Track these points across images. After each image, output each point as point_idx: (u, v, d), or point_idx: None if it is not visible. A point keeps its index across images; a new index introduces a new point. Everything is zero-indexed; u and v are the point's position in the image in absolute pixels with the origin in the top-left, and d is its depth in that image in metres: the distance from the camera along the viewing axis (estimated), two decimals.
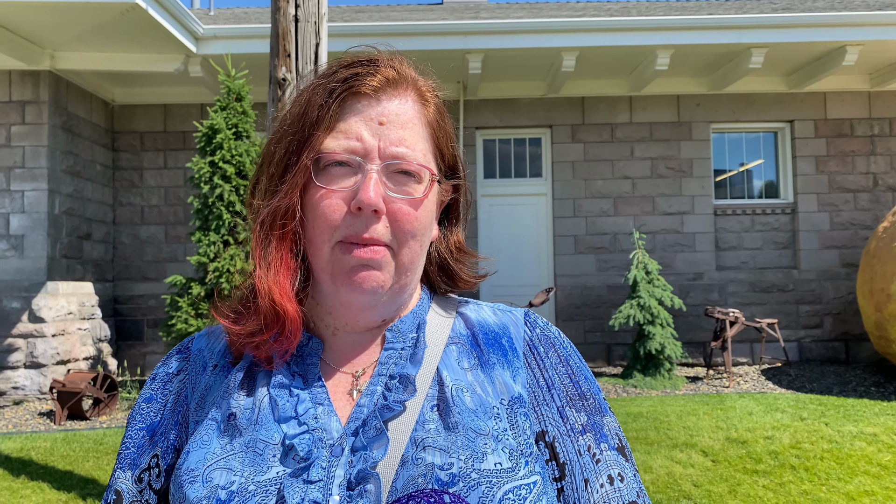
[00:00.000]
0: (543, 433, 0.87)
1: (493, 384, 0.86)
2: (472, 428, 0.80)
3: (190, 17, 7.68)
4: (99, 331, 8.72)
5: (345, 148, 0.83)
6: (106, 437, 5.91)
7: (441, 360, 0.87)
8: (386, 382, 0.84)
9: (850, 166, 9.56)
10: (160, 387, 0.94)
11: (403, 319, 0.91)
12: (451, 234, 0.98)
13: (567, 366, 0.92)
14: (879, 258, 7.43)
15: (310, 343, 0.90)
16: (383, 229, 0.83)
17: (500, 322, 0.95)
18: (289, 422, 0.81)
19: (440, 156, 0.91)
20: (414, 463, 0.76)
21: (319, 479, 0.76)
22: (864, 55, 8.49)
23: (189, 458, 0.82)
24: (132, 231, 9.51)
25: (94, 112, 9.05)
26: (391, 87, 0.87)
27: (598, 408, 0.91)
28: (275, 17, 3.76)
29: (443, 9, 11.15)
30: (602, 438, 0.89)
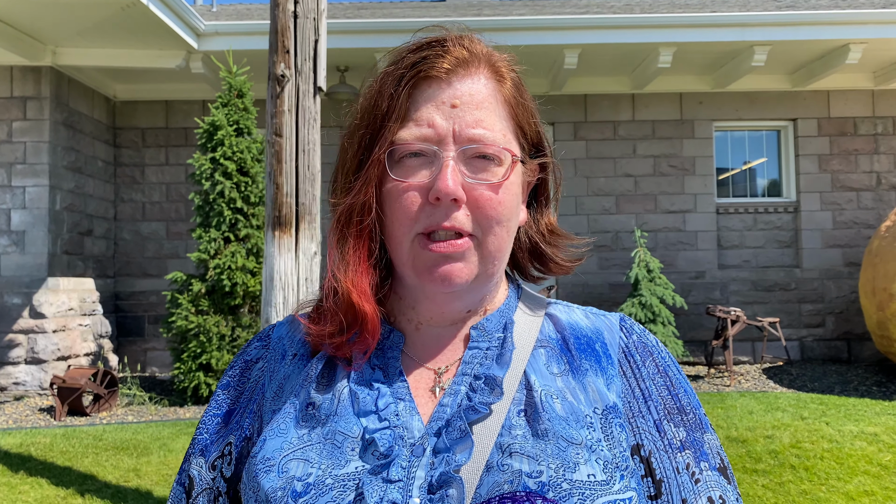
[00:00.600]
0: (639, 447, 0.82)
1: (585, 391, 0.82)
2: (564, 436, 0.76)
3: (191, 13, 7.67)
4: (100, 327, 8.73)
5: (417, 137, 0.80)
6: (106, 434, 5.91)
7: (528, 364, 0.83)
8: (470, 383, 0.81)
9: (854, 165, 9.53)
10: (238, 374, 0.93)
11: (489, 318, 0.87)
12: (541, 216, 0.93)
13: (665, 377, 0.87)
14: (882, 257, 7.40)
15: (391, 336, 0.87)
16: (464, 218, 0.79)
17: (592, 326, 0.89)
18: (368, 416, 0.79)
19: (521, 134, 0.86)
20: (500, 469, 0.73)
21: (399, 479, 0.73)
22: (868, 53, 8.44)
23: (265, 447, 0.80)
24: (133, 227, 9.51)
25: (96, 108, 9.05)
26: (462, 67, 0.82)
27: (699, 424, 0.86)
28: (274, 13, 3.75)
29: (445, 6, 11.12)
30: (702, 457, 0.84)
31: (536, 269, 0.94)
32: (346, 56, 8.49)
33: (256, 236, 7.31)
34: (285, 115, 3.64)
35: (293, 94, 3.67)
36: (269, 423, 0.84)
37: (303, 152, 3.67)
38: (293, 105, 3.66)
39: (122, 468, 4.98)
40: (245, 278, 7.04)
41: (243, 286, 7.07)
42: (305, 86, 3.71)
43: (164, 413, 6.86)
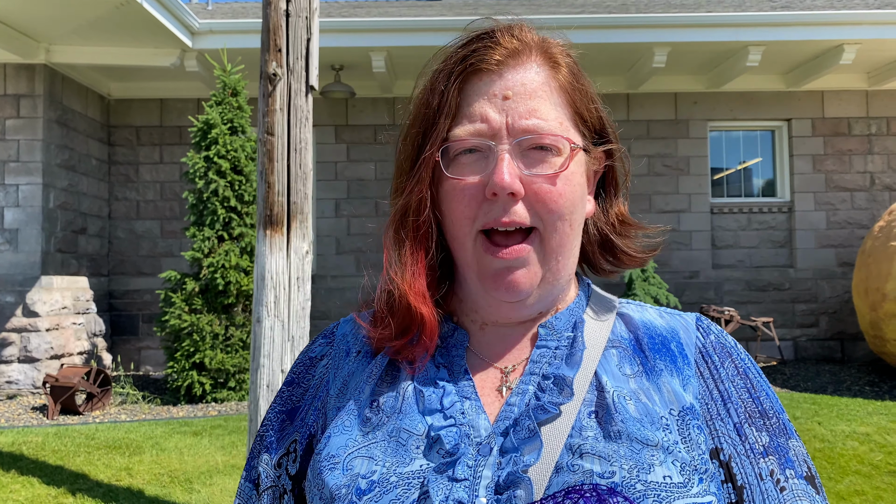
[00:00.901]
0: (718, 451, 0.78)
1: (660, 392, 0.79)
2: (638, 438, 0.73)
3: (185, 11, 7.66)
4: (94, 325, 8.71)
5: (471, 132, 0.78)
6: (98, 432, 5.90)
7: (600, 364, 0.80)
8: (539, 382, 0.78)
9: (848, 165, 9.55)
10: (303, 371, 0.92)
11: (558, 316, 0.84)
12: (610, 206, 0.89)
13: (746, 378, 0.83)
14: (875, 257, 7.42)
15: (455, 334, 0.85)
16: (523, 211, 0.77)
17: (667, 325, 0.86)
18: (434, 414, 0.77)
19: (581, 121, 0.83)
20: (570, 470, 0.71)
21: (465, 478, 0.72)
22: (862, 54, 8.46)
23: (330, 444, 0.79)
24: (128, 226, 9.50)
25: (90, 106, 9.03)
26: (513, 57, 0.80)
27: (783, 429, 0.82)
28: (266, 11, 3.74)
29: (441, 5, 11.11)
30: (787, 464, 0.79)
31: (609, 263, 0.90)
32: (340, 55, 8.48)
33: (250, 235, 7.30)
34: (277, 114, 3.63)
35: (285, 93, 3.66)
36: (333, 420, 0.83)
37: (295, 151, 3.66)
38: (285, 104, 3.65)
39: (114, 467, 4.97)
40: (239, 277, 7.03)
41: (237, 285, 7.06)
42: (297, 84, 3.70)
43: (158, 412, 6.84)
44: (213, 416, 6.62)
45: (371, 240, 9.47)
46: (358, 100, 9.50)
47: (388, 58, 8.45)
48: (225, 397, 7.13)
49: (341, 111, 9.58)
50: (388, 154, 9.57)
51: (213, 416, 6.56)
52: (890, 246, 7.21)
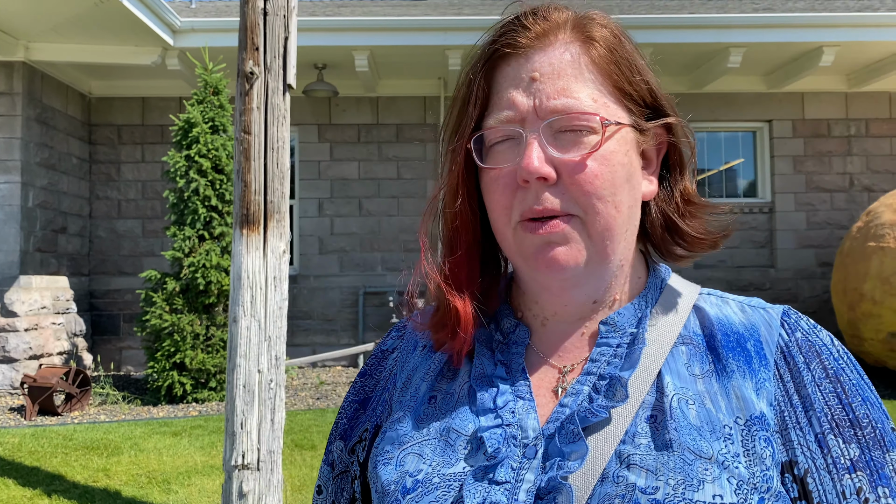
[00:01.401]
0: (792, 464, 0.71)
1: (727, 398, 0.72)
2: (692, 448, 0.68)
3: (167, 9, 7.62)
4: (74, 325, 8.64)
5: (500, 120, 0.76)
6: (76, 433, 5.86)
7: (666, 363, 0.74)
8: (594, 383, 0.75)
9: (827, 166, 9.64)
10: (375, 363, 0.93)
11: (622, 312, 0.79)
12: (675, 185, 0.82)
13: (836, 382, 0.74)
14: (853, 258, 7.49)
15: (517, 331, 0.83)
16: (555, 199, 0.73)
17: (748, 321, 0.78)
18: (486, 414, 0.75)
19: (624, 95, 0.77)
20: (614, 481, 0.67)
21: (507, 481, 0.69)
22: (842, 56, 8.54)
23: (386, 438, 0.80)
24: (109, 225, 9.43)
25: (70, 104, 8.95)
26: (540, 38, 0.76)
27: (880, 440, 0.72)
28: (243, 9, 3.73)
29: (425, 5, 11.11)
30: (882, 481, 0.70)
31: (679, 247, 0.83)
32: (323, 54, 8.46)
33: (231, 234, 7.26)
34: (254, 113, 3.62)
35: (262, 92, 3.65)
36: (395, 413, 0.84)
37: (272, 150, 3.65)
38: (262, 102, 3.64)
39: (91, 468, 4.93)
40: (219, 277, 7.00)
41: (217, 285, 7.03)
42: (275, 83, 3.68)
43: (138, 412, 6.80)
44: (193, 416, 6.58)
45: (355, 239, 9.46)
46: (341, 99, 9.49)
47: (371, 57, 8.44)
48: (206, 397, 7.10)
49: (324, 110, 9.56)
50: (371, 153, 9.56)
51: (193, 417, 6.53)
52: (867, 246, 7.29)
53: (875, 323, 7.11)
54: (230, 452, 3.44)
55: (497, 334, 0.84)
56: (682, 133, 0.82)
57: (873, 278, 7.10)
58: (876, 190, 9.54)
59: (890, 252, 7.01)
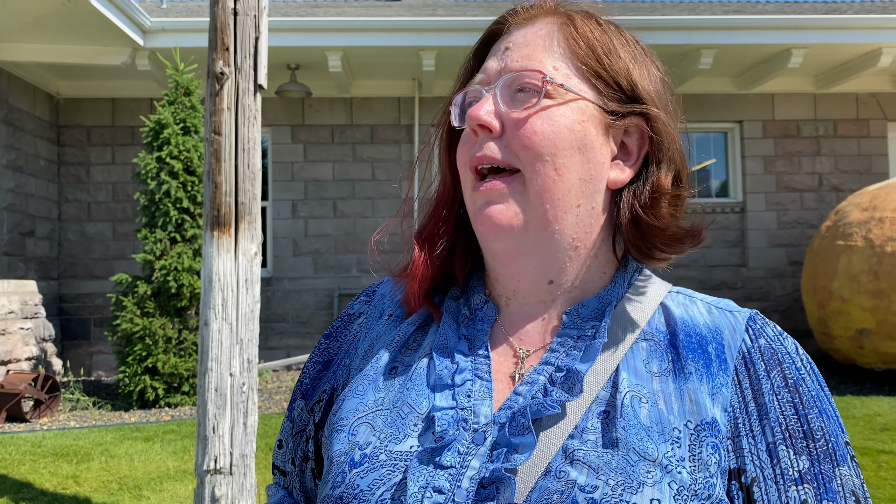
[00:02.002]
0: (740, 472, 0.70)
1: (681, 400, 0.71)
2: (637, 449, 0.67)
3: (136, 9, 7.52)
4: (43, 330, 8.48)
5: (473, 83, 0.82)
6: (45, 440, 5.75)
7: (624, 359, 0.74)
8: (551, 374, 0.74)
9: (797, 166, 9.78)
10: (342, 326, 0.94)
11: (586, 303, 0.78)
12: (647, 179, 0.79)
13: (795, 392, 0.72)
14: (822, 257, 7.61)
15: (485, 307, 0.83)
16: (495, 147, 0.76)
17: (712, 324, 0.77)
18: (442, 391, 0.75)
19: (593, 75, 0.77)
20: (556, 476, 0.66)
21: (452, 466, 0.69)
22: (810, 58, 8.68)
23: (344, 406, 0.80)
24: (78, 228, 9.28)
25: (38, 105, 8.80)
26: (524, 19, 0.82)
27: (831, 454, 0.71)
28: (213, 9, 3.69)
29: (399, 5, 11.09)
30: (828, 495, 0.69)
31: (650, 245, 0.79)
32: (297, 54, 8.41)
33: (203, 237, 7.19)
34: (224, 113, 3.58)
35: (233, 92, 3.61)
36: (352, 381, 0.84)
37: (243, 151, 3.62)
38: (233, 103, 3.60)
39: (60, 475, 4.84)
40: (192, 279, 6.92)
41: (190, 288, 6.95)
42: (245, 84, 3.65)
43: (109, 418, 6.70)
44: (166, 420, 6.50)
45: (329, 241, 9.40)
46: (315, 99, 9.43)
47: (344, 58, 8.40)
48: (178, 402, 7.01)
49: (297, 111, 9.50)
50: (345, 154, 9.51)
51: (166, 422, 6.45)
52: (836, 245, 7.41)
53: (844, 320, 7.23)
54: (202, 457, 3.40)
55: (465, 309, 0.84)
56: (665, 126, 0.79)
57: (842, 276, 7.22)
58: (844, 189, 9.70)
59: (858, 251, 7.13)
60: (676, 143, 0.81)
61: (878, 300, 6.86)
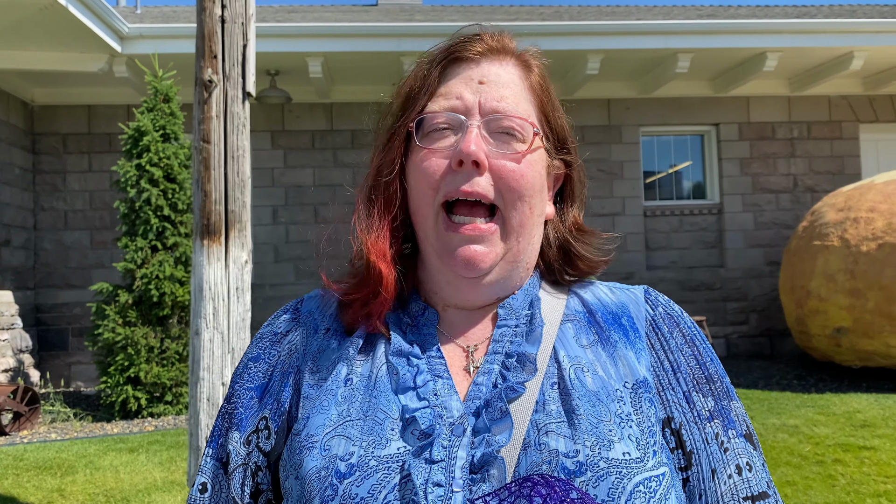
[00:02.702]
0: (669, 419, 0.82)
1: (615, 365, 0.82)
2: (594, 412, 0.76)
3: (114, 15, 7.44)
4: (19, 341, 8.34)
5: (445, 107, 0.83)
6: (27, 453, 5.65)
7: (557, 338, 0.83)
8: (503, 361, 0.81)
9: (772, 168, 9.94)
10: (268, 346, 0.91)
11: (516, 296, 0.87)
12: (567, 214, 0.94)
13: (693, 346, 0.87)
14: (800, 256, 7.74)
15: (426, 313, 0.88)
16: (486, 184, 0.81)
17: (617, 301, 0.90)
18: (407, 393, 0.79)
19: (546, 124, 0.89)
20: (537, 448, 0.73)
21: (441, 460, 0.73)
22: (784, 61, 8.83)
23: (309, 424, 0.80)
24: (55, 237, 9.15)
25: (12, 113, 8.67)
26: (493, 53, 0.87)
27: (726, 392, 0.86)
28: (200, 17, 3.67)
29: (377, 10, 11.10)
30: (730, 425, 0.84)
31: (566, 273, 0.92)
32: (276, 60, 8.37)
33: (185, 244, 7.12)
34: (213, 121, 3.57)
35: (221, 100, 3.60)
36: (310, 398, 0.83)
37: (232, 158, 3.60)
38: (221, 111, 3.59)
39: (45, 489, 4.77)
40: (174, 288, 6.85)
41: (172, 296, 6.88)
42: (234, 91, 3.64)
43: (91, 429, 6.60)
44: (149, 431, 6.42)
45: (311, 247, 9.36)
46: (294, 105, 9.40)
47: (324, 63, 8.39)
48: (161, 412, 6.94)
49: (277, 117, 9.46)
50: (326, 160, 9.49)
51: (149, 432, 6.37)
52: (813, 245, 7.54)
53: (822, 319, 7.36)
54: (195, 467, 3.37)
55: (405, 317, 0.88)
56: (579, 171, 0.94)
57: (819, 276, 7.35)
58: (818, 190, 9.88)
59: (834, 250, 7.26)
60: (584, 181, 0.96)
61: (855, 299, 6.99)
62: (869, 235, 7.03)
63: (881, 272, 6.84)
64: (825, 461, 4.74)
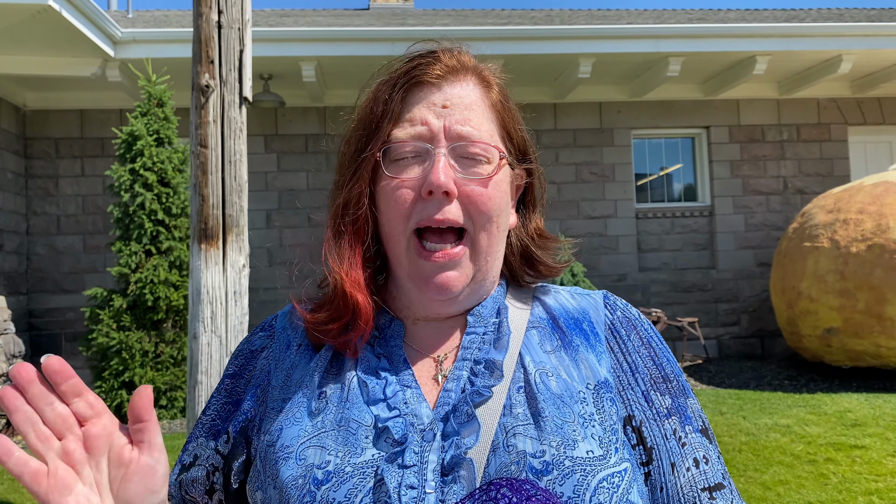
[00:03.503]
0: (630, 418, 0.86)
1: (578, 368, 0.86)
2: (559, 414, 0.80)
3: (107, 20, 7.44)
4: (12, 346, 8.31)
5: (411, 135, 0.85)
6: None
7: (523, 345, 0.87)
8: (471, 367, 0.85)
9: (762, 170, 10.02)
10: (244, 363, 0.96)
11: (484, 304, 0.91)
12: (529, 220, 0.98)
13: (650, 348, 0.91)
14: (790, 257, 7.81)
15: (392, 325, 0.91)
16: (456, 210, 0.84)
17: (579, 306, 0.94)
18: (378, 404, 0.82)
19: (508, 138, 0.91)
20: (505, 450, 0.77)
21: (414, 464, 0.77)
22: (773, 65, 8.92)
23: (283, 435, 0.83)
24: (48, 241, 9.12)
25: (4, 117, 8.65)
26: (452, 74, 0.88)
27: (682, 390, 0.90)
28: (197, 22, 3.69)
29: (369, 14, 11.14)
30: (687, 421, 0.88)
31: (527, 273, 0.97)
32: (269, 64, 8.39)
33: (179, 249, 7.12)
34: (210, 126, 3.59)
35: (218, 105, 3.62)
36: (280, 411, 0.87)
37: (229, 163, 3.62)
38: (218, 116, 3.61)
39: None
40: (168, 292, 6.86)
41: (166, 300, 6.88)
42: (231, 96, 3.66)
43: None
44: None
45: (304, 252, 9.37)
46: (288, 109, 9.42)
47: (318, 67, 8.41)
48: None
49: (271, 120, 9.48)
50: (319, 164, 9.51)
51: None
52: (803, 246, 7.61)
53: (812, 320, 7.42)
54: None
55: (374, 330, 0.91)
56: (539, 177, 0.98)
57: (810, 277, 7.42)
58: (808, 192, 9.97)
59: (824, 252, 7.34)
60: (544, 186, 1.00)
61: (845, 299, 7.07)
62: (858, 237, 7.11)
63: (870, 273, 6.91)
64: (817, 460, 4.79)
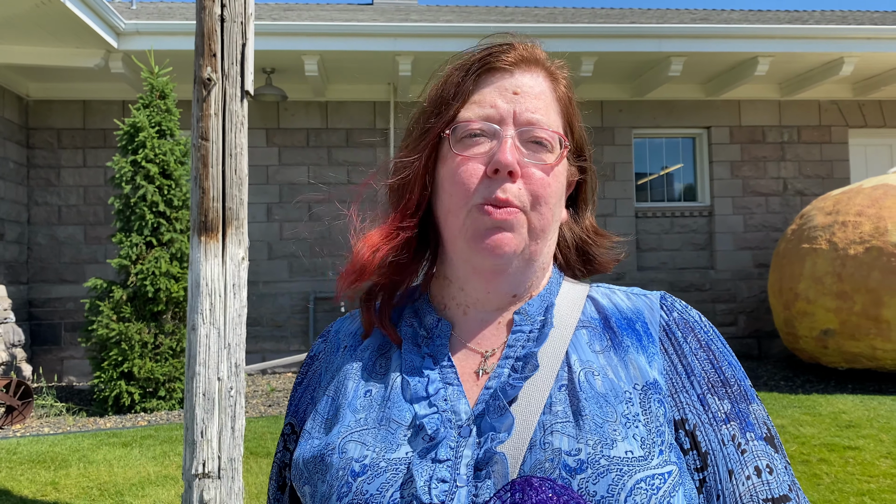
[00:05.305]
0: (683, 421, 0.84)
1: (626, 368, 0.85)
2: (601, 413, 0.79)
3: (111, 11, 7.46)
4: (12, 335, 8.36)
5: (480, 115, 0.87)
6: (20, 447, 5.68)
7: (571, 344, 0.87)
8: (512, 364, 0.86)
9: (763, 171, 10.04)
10: (305, 370, 1.03)
11: (531, 302, 0.92)
12: (582, 217, 1.00)
13: (708, 351, 0.89)
14: (788, 259, 7.83)
15: (439, 325, 0.93)
16: (518, 191, 0.85)
17: (633, 307, 0.93)
18: (419, 402, 0.84)
19: (570, 133, 0.94)
20: (541, 447, 0.77)
21: (448, 459, 0.78)
22: (775, 66, 8.93)
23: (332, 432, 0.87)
24: (49, 231, 9.15)
25: (7, 107, 8.67)
26: (525, 63, 0.91)
27: (744, 395, 0.87)
28: (200, 16, 3.71)
29: (373, 9, 11.14)
30: (748, 427, 0.85)
31: (580, 270, 1.00)
32: (272, 58, 8.41)
33: (180, 241, 7.15)
34: (212, 119, 3.61)
35: (220, 98, 3.64)
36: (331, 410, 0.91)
37: (230, 156, 3.64)
38: (220, 109, 3.63)
39: (38, 482, 4.80)
40: (168, 284, 6.88)
41: (166, 292, 6.91)
42: (233, 90, 3.68)
43: (84, 424, 6.63)
44: (143, 426, 6.46)
45: (305, 244, 9.41)
46: (290, 103, 9.43)
47: (320, 61, 8.42)
48: (155, 407, 6.97)
49: (273, 114, 9.49)
50: (321, 158, 9.53)
51: (143, 427, 6.41)
52: (802, 248, 7.63)
53: (809, 321, 7.45)
54: (190, 461, 3.42)
55: (421, 330, 0.93)
56: (592, 176, 1.00)
57: (807, 278, 7.44)
58: (807, 194, 9.99)
59: (822, 253, 7.36)
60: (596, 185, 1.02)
61: (842, 301, 7.09)
62: (856, 239, 7.13)
63: (868, 275, 6.93)
64: (810, 460, 4.82)
